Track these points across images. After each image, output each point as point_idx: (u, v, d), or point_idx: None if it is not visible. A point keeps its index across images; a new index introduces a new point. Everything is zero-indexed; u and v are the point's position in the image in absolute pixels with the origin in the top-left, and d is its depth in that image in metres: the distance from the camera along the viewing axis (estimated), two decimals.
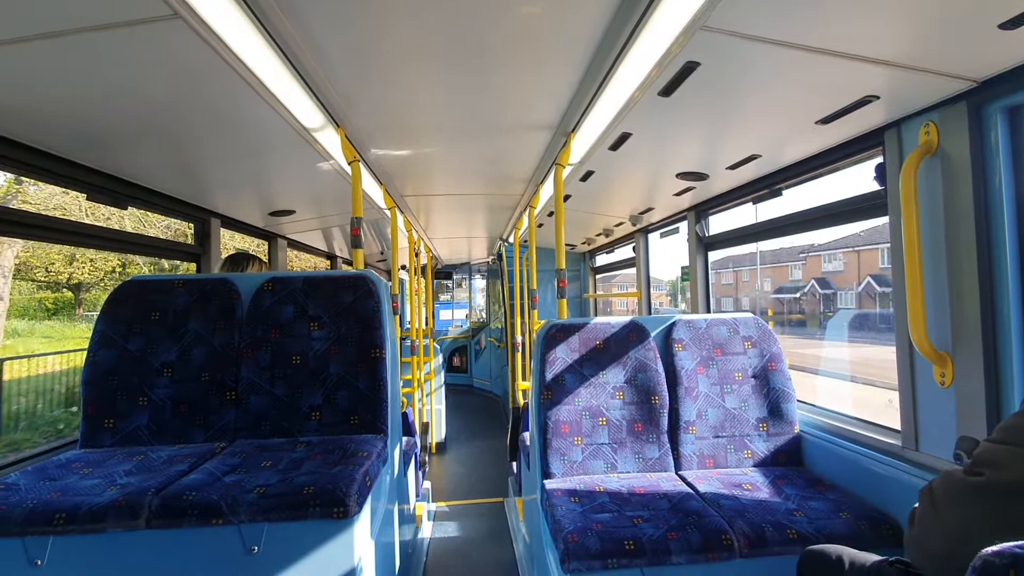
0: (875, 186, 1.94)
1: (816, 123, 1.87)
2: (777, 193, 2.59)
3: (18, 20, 1.23)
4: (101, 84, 1.56)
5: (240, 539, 1.52)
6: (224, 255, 2.96)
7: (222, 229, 3.27)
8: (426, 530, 3.61)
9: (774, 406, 2.32)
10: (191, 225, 3.17)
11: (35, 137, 1.86)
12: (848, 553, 1.39)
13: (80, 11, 1.21)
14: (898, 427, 1.89)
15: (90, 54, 1.39)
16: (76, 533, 1.45)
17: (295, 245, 4.63)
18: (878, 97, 1.63)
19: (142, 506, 1.48)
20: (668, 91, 1.71)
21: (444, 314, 12.16)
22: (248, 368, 2.09)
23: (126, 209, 2.54)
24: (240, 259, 2.69)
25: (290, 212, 3.50)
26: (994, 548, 0.74)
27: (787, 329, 20.16)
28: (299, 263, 14.47)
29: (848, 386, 9.64)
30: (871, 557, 1.34)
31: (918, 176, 1.64)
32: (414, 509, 3.21)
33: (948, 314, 1.62)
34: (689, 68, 1.54)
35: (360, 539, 1.60)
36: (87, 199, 2.27)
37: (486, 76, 1.84)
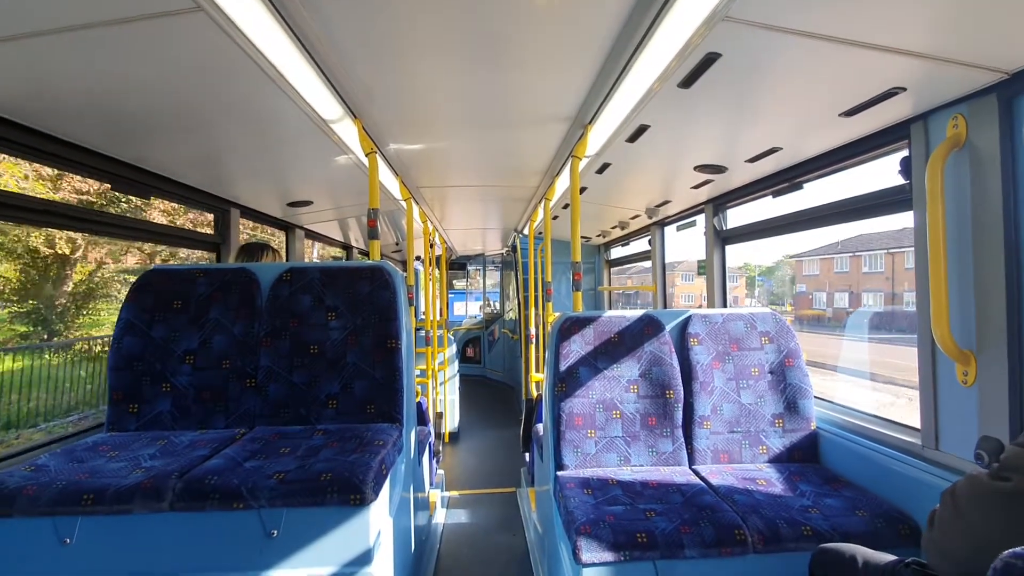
0: (899, 180, 1.90)
1: (840, 115, 1.84)
2: (798, 187, 2.55)
3: (44, 14, 1.25)
4: (125, 77, 1.58)
5: (260, 523, 1.56)
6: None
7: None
8: (440, 517, 3.65)
9: (791, 402, 2.30)
10: None
11: (63, 129, 1.90)
12: (862, 552, 1.38)
13: (104, 5, 1.23)
14: (917, 425, 1.86)
15: (115, 48, 1.41)
16: (103, 514, 1.50)
17: (312, 235, 4.67)
18: (905, 89, 1.59)
19: (166, 489, 1.53)
20: (688, 83, 1.69)
21: (458, 307, 11.47)
22: (267, 356, 2.13)
23: (149, 199, 2.59)
24: (255, 248, 2.74)
25: (308, 203, 3.54)
26: (1016, 550, 0.74)
27: None
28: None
29: None
30: (886, 557, 1.33)
31: (945, 170, 1.60)
32: (428, 497, 3.26)
33: (973, 311, 1.59)
34: (710, 59, 1.52)
35: (376, 525, 1.64)
36: (112, 189, 2.32)
37: (504, 68, 1.83)
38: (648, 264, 4.72)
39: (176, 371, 2.09)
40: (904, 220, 1.84)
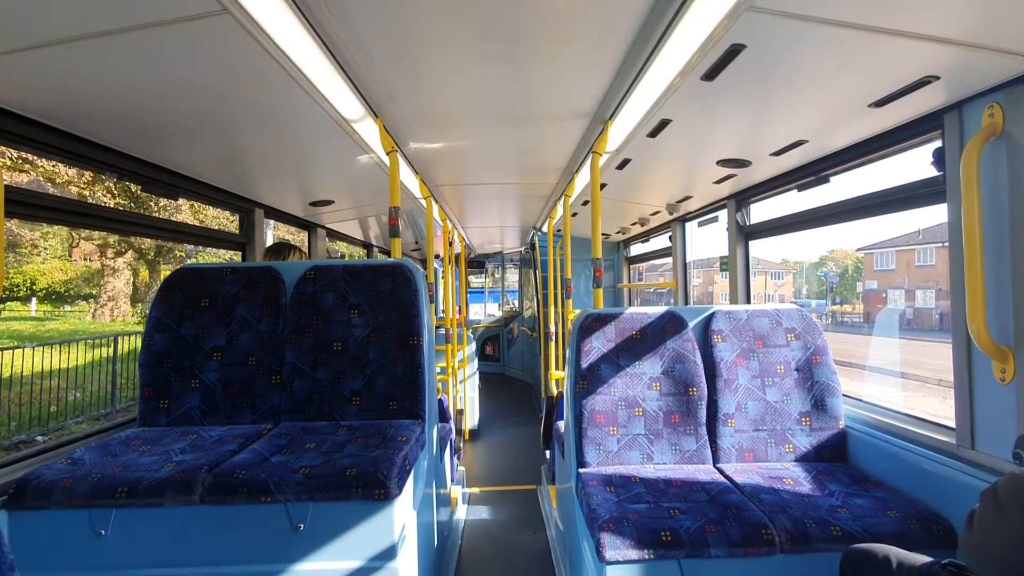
0: (930, 172, 1.84)
1: (869, 106, 1.79)
2: (824, 180, 2.49)
3: (74, 21, 1.28)
4: (153, 79, 1.62)
5: (287, 516, 1.58)
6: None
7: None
8: (461, 513, 3.67)
9: (818, 400, 2.25)
10: None
11: (94, 132, 1.95)
12: (896, 553, 1.34)
13: (132, 10, 1.26)
14: (951, 424, 1.81)
15: (143, 51, 1.44)
16: (136, 506, 1.55)
17: (333, 234, 4.73)
18: (938, 77, 1.54)
19: (196, 482, 1.56)
20: (711, 75, 1.66)
21: (475, 309, 10.95)
22: (292, 353, 2.16)
23: (177, 200, 2.65)
24: (282, 248, 2.80)
25: (329, 202, 3.58)
26: None
27: None
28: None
29: None
30: (920, 558, 1.29)
31: (980, 161, 1.55)
32: (449, 493, 3.28)
33: (1011, 306, 1.54)
34: (734, 51, 1.49)
35: (400, 520, 1.65)
36: (142, 190, 2.38)
37: (524, 64, 1.83)
38: (694, 258, 4.64)
39: (204, 367, 2.14)
40: None
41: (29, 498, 1.52)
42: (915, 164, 1.93)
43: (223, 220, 13.35)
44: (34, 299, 18.40)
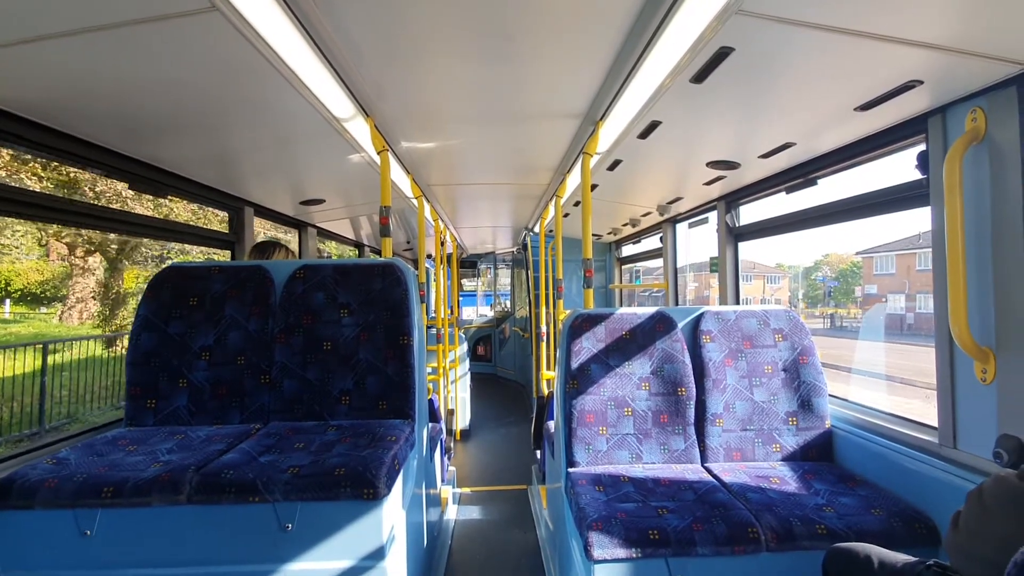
0: (916, 175, 1.87)
1: (855, 109, 1.81)
2: (812, 182, 2.52)
3: (62, 16, 1.27)
4: (142, 76, 1.61)
5: (275, 516, 1.58)
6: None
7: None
8: (451, 513, 3.67)
9: (805, 400, 2.28)
10: None
11: (82, 129, 1.94)
12: (877, 552, 1.36)
13: (120, 6, 1.25)
14: (935, 424, 1.84)
15: (131, 48, 1.43)
16: (123, 506, 1.53)
17: (324, 234, 4.70)
18: (922, 82, 1.57)
19: (184, 482, 1.55)
20: (700, 78, 1.67)
21: (467, 312, 10.75)
22: (282, 353, 2.15)
23: (166, 198, 2.63)
24: (266, 246, 2.78)
25: (320, 201, 3.57)
26: None
27: None
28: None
29: None
30: (902, 557, 1.31)
31: (963, 165, 1.58)
32: (440, 493, 3.27)
33: (992, 308, 1.56)
34: (723, 54, 1.51)
35: (389, 520, 1.65)
36: (130, 187, 2.36)
37: (515, 64, 1.84)
38: (692, 262, 4.66)
39: (192, 367, 2.12)
40: None
41: (14, 498, 1.50)
42: (903, 167, 1.96)
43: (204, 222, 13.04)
44: (7, 300, 18.09)
